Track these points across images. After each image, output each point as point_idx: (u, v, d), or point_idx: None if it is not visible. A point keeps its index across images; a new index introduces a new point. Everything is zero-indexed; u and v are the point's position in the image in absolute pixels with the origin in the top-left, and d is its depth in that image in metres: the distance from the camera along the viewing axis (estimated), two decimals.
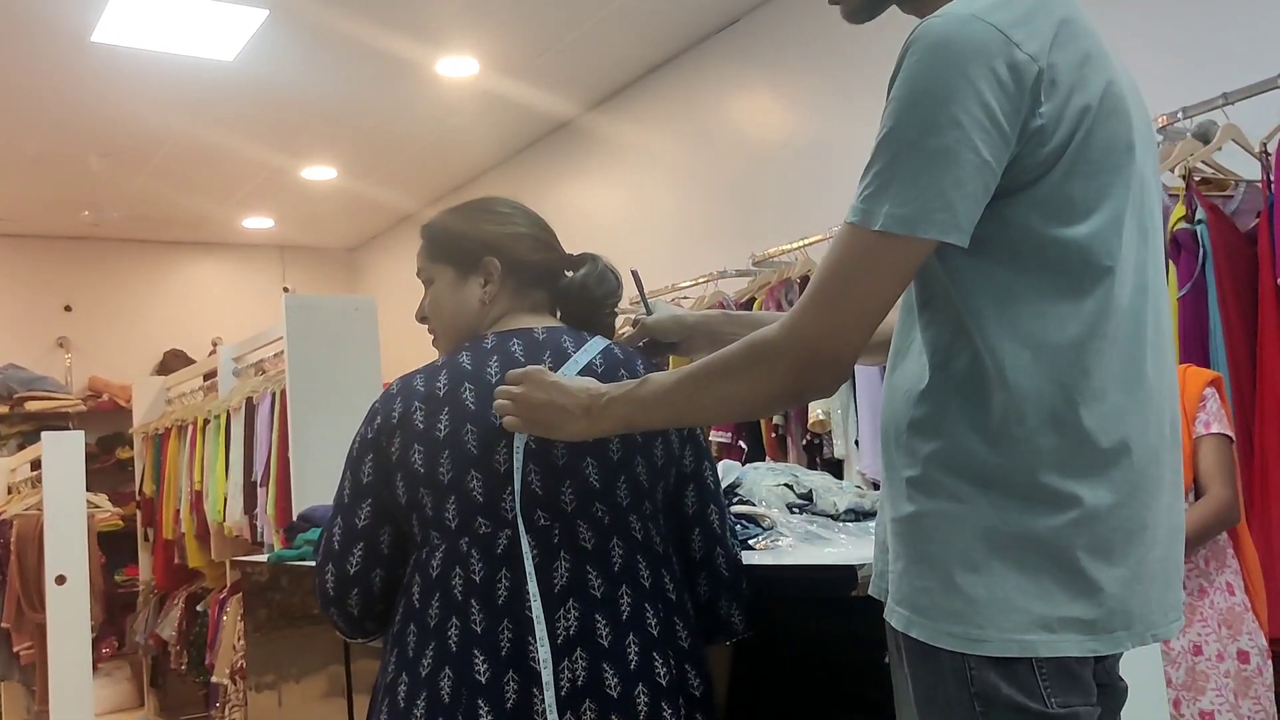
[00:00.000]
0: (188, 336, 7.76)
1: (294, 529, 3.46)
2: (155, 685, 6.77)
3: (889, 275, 1.16)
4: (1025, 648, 1.15)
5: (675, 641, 1.53)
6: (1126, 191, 1.20)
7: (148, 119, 5.56)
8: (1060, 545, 1.15)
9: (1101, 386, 1.18)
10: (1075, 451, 1.17)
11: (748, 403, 1.30)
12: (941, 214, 1.12)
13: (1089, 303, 1.17)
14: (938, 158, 1.11)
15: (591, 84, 5.70)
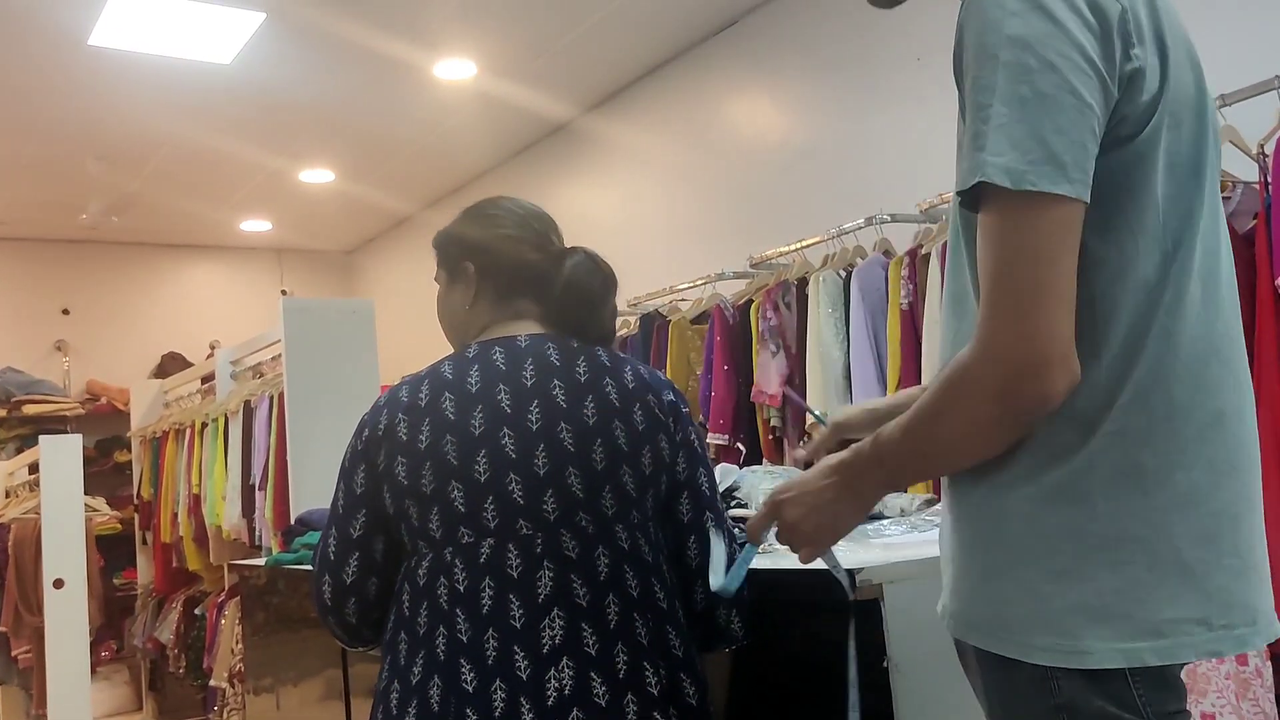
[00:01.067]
0: (185, 340, 7.75)
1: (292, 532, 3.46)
2: (153, 689, 6.76)
3: (1043, 245, 1.03)
4: (1132, 657, 1.06)
5: (668, 651, 1.52)
6: (1205, 144, 1.14)
7: (145, 122, 5.55)
8: (1157, 536, 1.07)
9: (1190, 355, 1.10)
10: (1166, 428, 1.08)
11: (969, 443, 1.12)
12: (1048, 165, 1.02)
13: (1174, 267, 1.10)
14: (1036, 104, 1.02)
15: (589, 86, 5.69)
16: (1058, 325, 1.03)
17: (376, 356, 4.80)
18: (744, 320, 4.06)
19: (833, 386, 3.64)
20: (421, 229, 7.53)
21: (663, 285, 4.69)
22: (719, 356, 4.03)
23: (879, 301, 3.58)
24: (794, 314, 3.87)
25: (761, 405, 3.89)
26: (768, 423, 3.88)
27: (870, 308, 3.58)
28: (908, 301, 3.44)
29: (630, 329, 4.68)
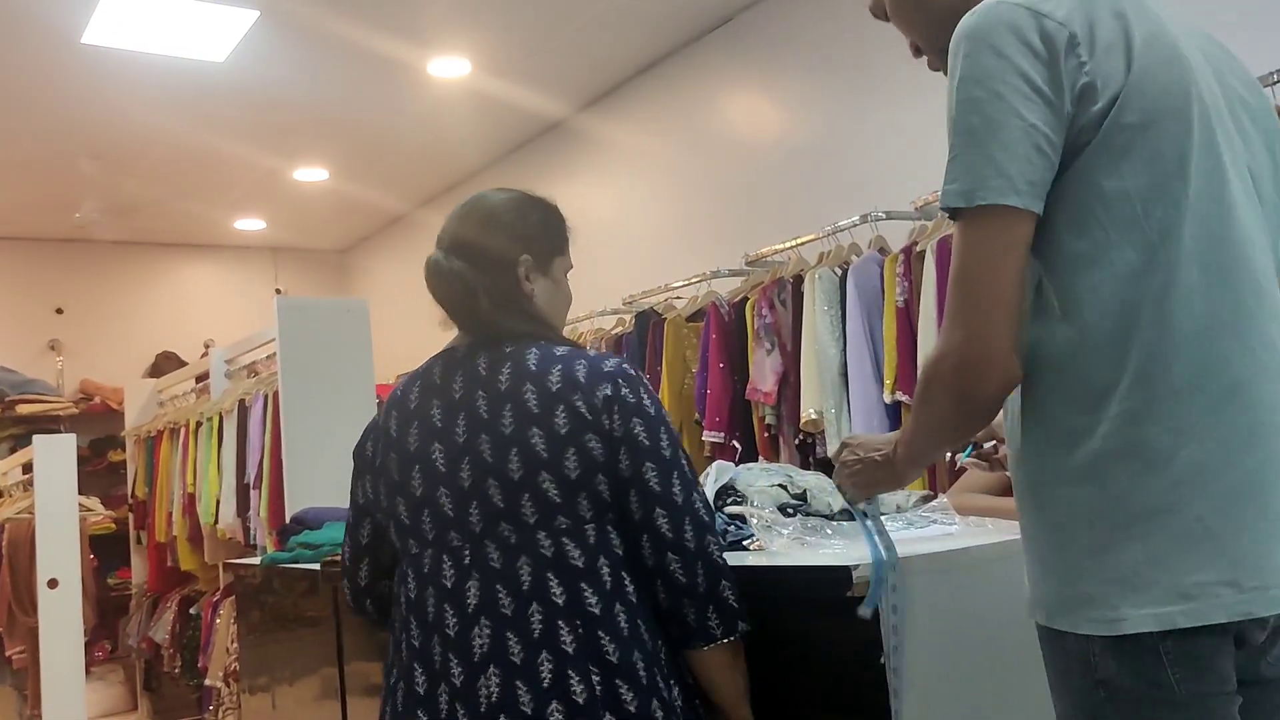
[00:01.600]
0: (180, 339, 7.74)
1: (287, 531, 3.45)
2: (148, 689, 6.75)
3: (989, 249, 1.19)
4: (1164, 620, 1.13)
5: (601, 657, 1.50)
6: (1189, 138, 1.20)
7: (138, 120, 5.54)
8: (1174, 508, 1.15)
9: (1192, 334, 1.17)
10: (1171, 405, 1.16)
11: (938, 430, 1.33)
12: (996, 180, 1.17)
13: (1161, 255, 1.18)
14: (984, 130, 1.17)
15: (583, 84, 5.69)
16: (993, 330, 1.18)
17: (371, 356, 4.79)
18: (739, 318, 4.06)
19: (829, 384, 3.64)
20: (416, 228, 7.52)
21: (658, 283, 4.69)
22: (714, 354, 4.03)
23: (874, 299, 3.58)
24: (789, 311, 3.87)
25: (757, 403, 3.89)
26: (763, 420, 3.88)
27: (866, 305, 3.58)
28: (903, 299, 3.44)
29: (626, 327, 4.67)
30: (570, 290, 1.81)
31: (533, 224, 1.76)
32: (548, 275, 1.75)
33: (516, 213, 1.76)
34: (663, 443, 1.57)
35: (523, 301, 1.70)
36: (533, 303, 1.71)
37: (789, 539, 1.81)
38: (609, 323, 4.92)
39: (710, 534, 1.56)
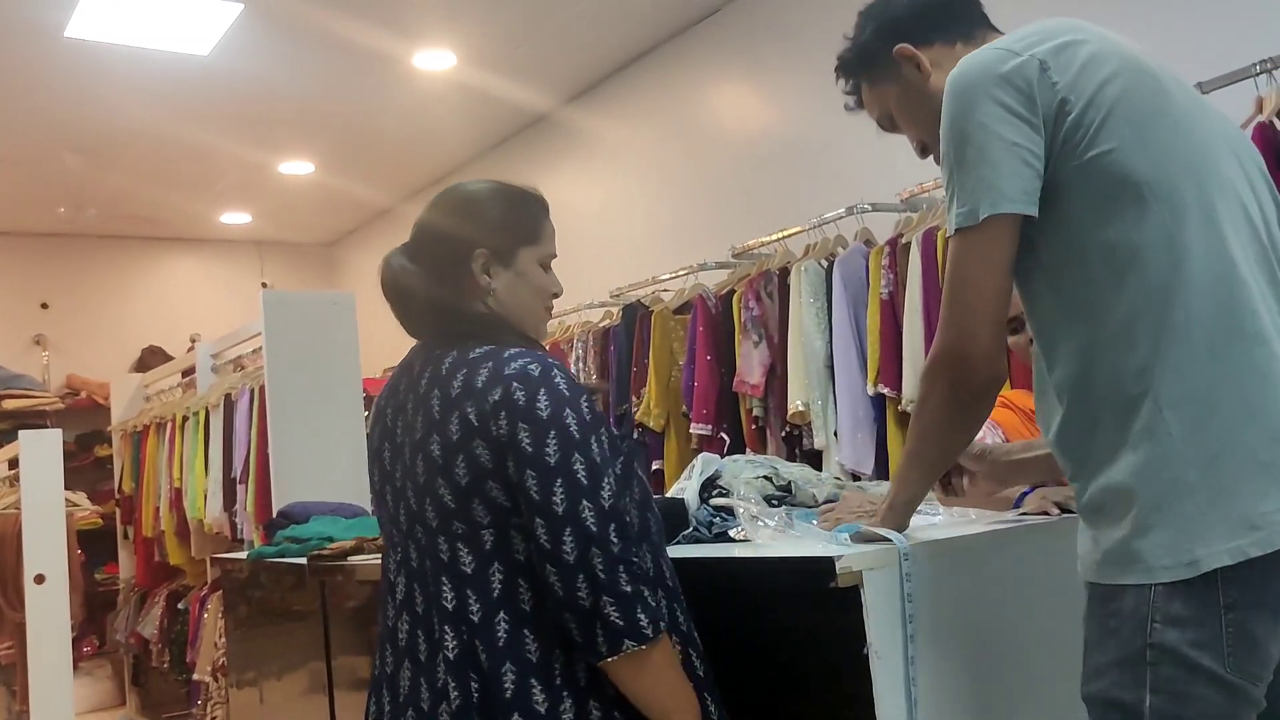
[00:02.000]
0: (166, 333, 7.71)
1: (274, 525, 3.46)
2: (137, 683, 6.75)
3: (981, 265, 1.37)
4: (1236, 553, 1.23)
5: (478, 665, 1.50)
6: (1174, 136, 1.36)
7: (123, 114, 5.52)
8: (1230, 448, 1.27)
9: (1214, 292, 1.31)
10: (1209, 356, 1.30)
11: (937, 426, 1.48)
12: (989, 194, 1.34)
13: (1176, 230, 1.32)
14: (975, 157, 1.36)
15: (569, 77, 5.68)
16: (984, 326, 1.37)
17: (358, 349, 4.79)
18: (726, 310, 4.06)
19: (814, 376, 3.65)
20: (402, 221, 7.48)
21: (645, 276, 4.69)
22: (702, 347, 4.04)
23: (860, 291, 3.58)
24: (776, 304, 3.88)
25: (744, 395, 3.90)
26: (750, 413, 3.89)
27: (852, 297, 3.59)
28: (888, 290, 3.45)
29: (613, 320, 4.68)
30: (549, 280, 1.74)
31: (493, 216, 1.70)
32: (511, 268, 1.68)
33: (476, 205, 1.72)
34: (548, 448, 1.47)
35: (467, 300, 1.66)
36: (490, 298, 1.66)
37: (774, 530, 1.82)
38: (596, 315, 4.92)
39: (599, 547, 1.43)
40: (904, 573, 1.51)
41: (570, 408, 1.50)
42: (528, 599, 1.51)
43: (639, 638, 1.43)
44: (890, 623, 1.49)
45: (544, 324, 1.76)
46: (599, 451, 1.50)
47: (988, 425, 2.39)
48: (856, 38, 1.68)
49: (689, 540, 1.92)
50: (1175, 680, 1.26)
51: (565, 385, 1.52)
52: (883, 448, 3.47)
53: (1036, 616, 1.70)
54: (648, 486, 1.65)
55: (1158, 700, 1.26)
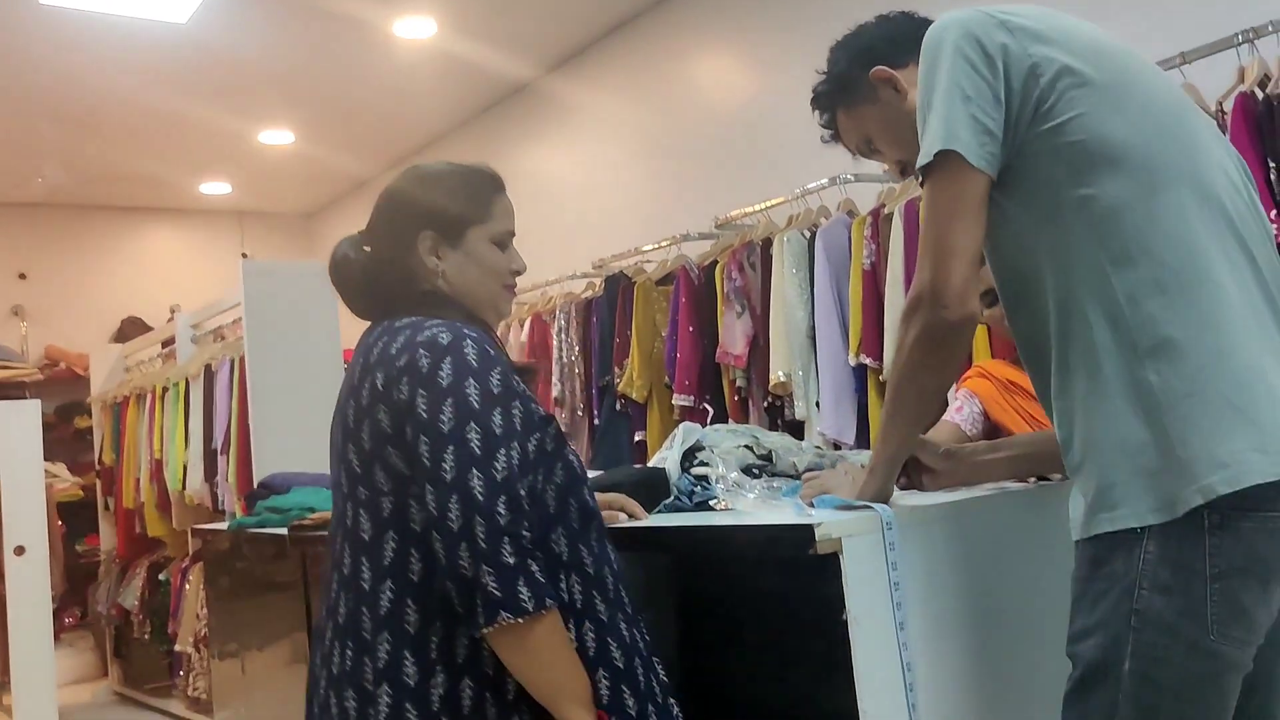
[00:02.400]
0: (145, 304, 7.66)
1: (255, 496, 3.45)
2: (119, 655, 6.74)
3: (947, 205, 1.42)
4: (1207, 491, 1.28)
5: (358, 632, 1.51)
6: (1148, 99, 1.43)
7: (100, 83, 5.45)
8: (1204, 389, 1.31)
9: (1183, 246, 1.36)
10: (1183, 304, 1.35)
11: (913, 368, 1.51)
12: (945, 135, 1.41)
13: (1153, 190, 1.39)
14: (937, 105, 1.43)
15: (551, 45, 5.64)
16: (951, 267, 1.42)
17: (338, 320, 4.77)
18: (709, 281, 4.05)
19: (796, 347, 3.65)
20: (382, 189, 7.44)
21: (628, 247, 4.68)
22: (684, 318, 4.03)
23: (842, 261, 3.58)
24: (759, 274, 3.87)
25: (727, 366, 3.90)
26: (733, 383, 3.89)
27: (834, 268, 3.58)
28: (870, 261, 3.45)
29: (596, 291, 4.66)
30: (504, 258, 1.70)
31: (436, 198, 1.68)
32: (460, 248, 1.66)
33: (420, 189, 1.70)
34: (443, 415, 1.45)
35: (414, 281, 1.65)
36: (440, 280, 1.65)
37: (754, 499, 1.83)
38: (579, 286, 4.91)
39: (483, 516, 1.40)
40: (888, 541, 1.51)
41: (474, 378, 1.48)
42: (417, 570, 1.49)
43: (517, 611, 1.39)
44: (874, 590, 1.49)
45: (502, 302, 1.72)
46: (501, 424, 1.47)
47: (964, 394, 2.40)
48: (832, 69, 1.77)
49: (670, 509, 1.93)
50: (1155, 646, 1.30)
51: (475, 355, 1.50)
52: (864, 418, 3.48)
53: (1023, 580, 1.71)
54: (578, 472, 1.60)
55: (1136, 664, 1.31)
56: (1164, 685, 1.31)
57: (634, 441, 4.24)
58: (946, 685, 1.58)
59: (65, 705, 5.53)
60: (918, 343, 1.47)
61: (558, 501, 1.55)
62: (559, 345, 4.66)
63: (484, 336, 1.56)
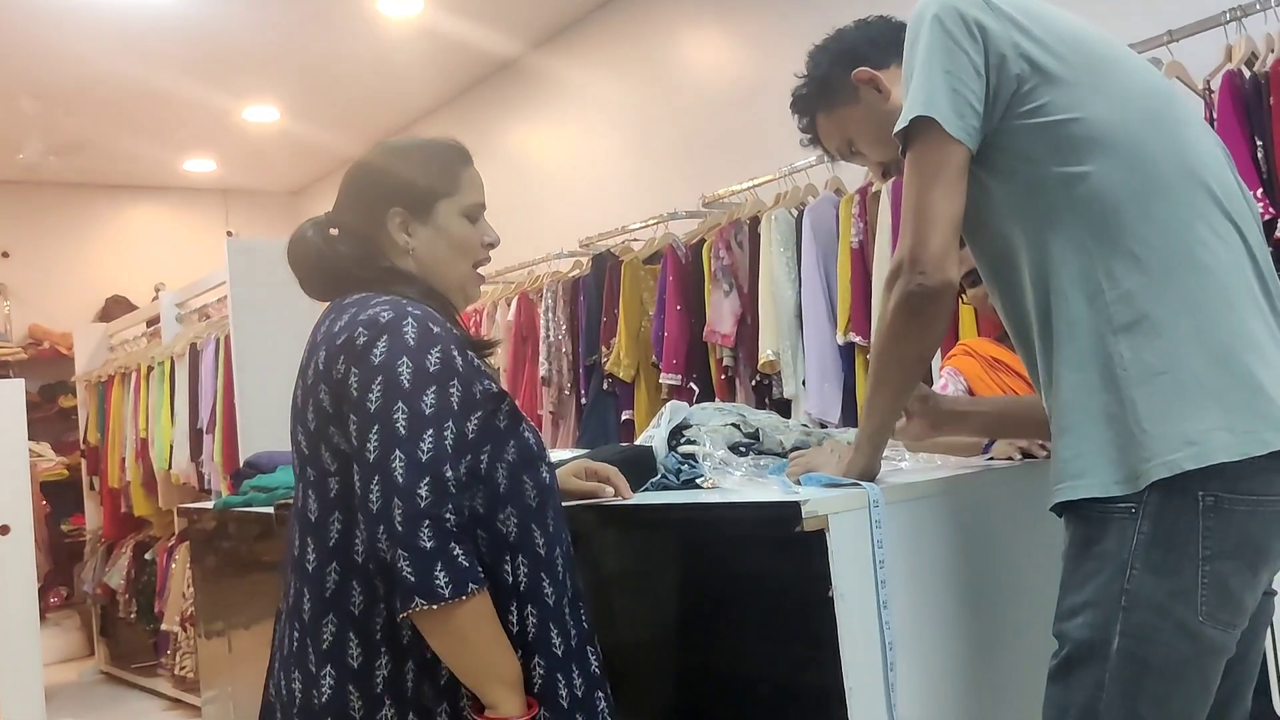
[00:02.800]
0: (129, 282, 7.61)
1: (241, 475, 3.44)
2: (105, 634, 6.74)
3: (925, 173, 1.44)
4: (1173, 466, 1.30)
5: (300, 612, 1.51)
6: (1130, 81, 1.45)
7: (82, 58, 5.40)
8: (1177, 366, 1.33)
9: (1169, 225, 1.37)
10: (1165, 282, 1.36)
11: (894, 337, 1.51)
12: (925, 105, 1.42)
13: (1140, 168, 1.40)
14: (921, 75, 1.44)
15: (538, 21, 5.60)
16: (931, 235, 1.43)
17: None
18: (697, 260, 4.05)
19: (784, 325, 3.65)
20: None
21: (615, 225, 4.66)
22: (672, 296, 4.03)
23: (830, 240, 3.58)
24: (746, 253, 3.87)
25: (714, 345, 3.90)
26: (720, 362, 3.89)
27: (822, 246, 3.58)
28: (858, 239, 3.44)
29: (583, 269, 4.65)
30: (475, 231, 1.67)
31: (403, 173, 1.65)
32: (429, 223, 1.64)
33: (386, 164, 1.67)
34: (372, 394, 1.42)
35: (374, 260, 1.63)
36: (410, 256, 1.63)
37: (741, 477, 1.83)
38: (566, 265, 4.90)
39: (401, 499, 1.37)
40: (874, 519, 1.51)
41: (409, 356, 1.44)
42: (361, 551, 1.48)
43: (431, 597, 1.35)
44: (859, 567, 1.50)
45: (470, 286, 1.69)
46: (434, 404, 1.43)
47: (949, 372, 2.41)
48: (812, 72, 1.78)
49: (657, 487, 1.92)
50: (1144, 626, 1.31)
51: (414, 333, 1.46)
52: (850, 396, 3.48)
53: (1007, 558, 1.72)
54: (534, 450, 1.55)
55: (1125, 643, 1.32)
56: (1151, 665, 1.32)
57: (621, 420, 4.24)
58: (929, 663, 1.59)
59: (51, 684, 5.53)
60: (897, 310, 1.47)
61: (509, 480, 1.51)
62: (546, 324, 4.65)
63: (430, 314, 1.52)
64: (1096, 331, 1.37)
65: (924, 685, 1.57)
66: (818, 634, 1.47)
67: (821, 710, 1.48)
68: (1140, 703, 1.32)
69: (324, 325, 1.55)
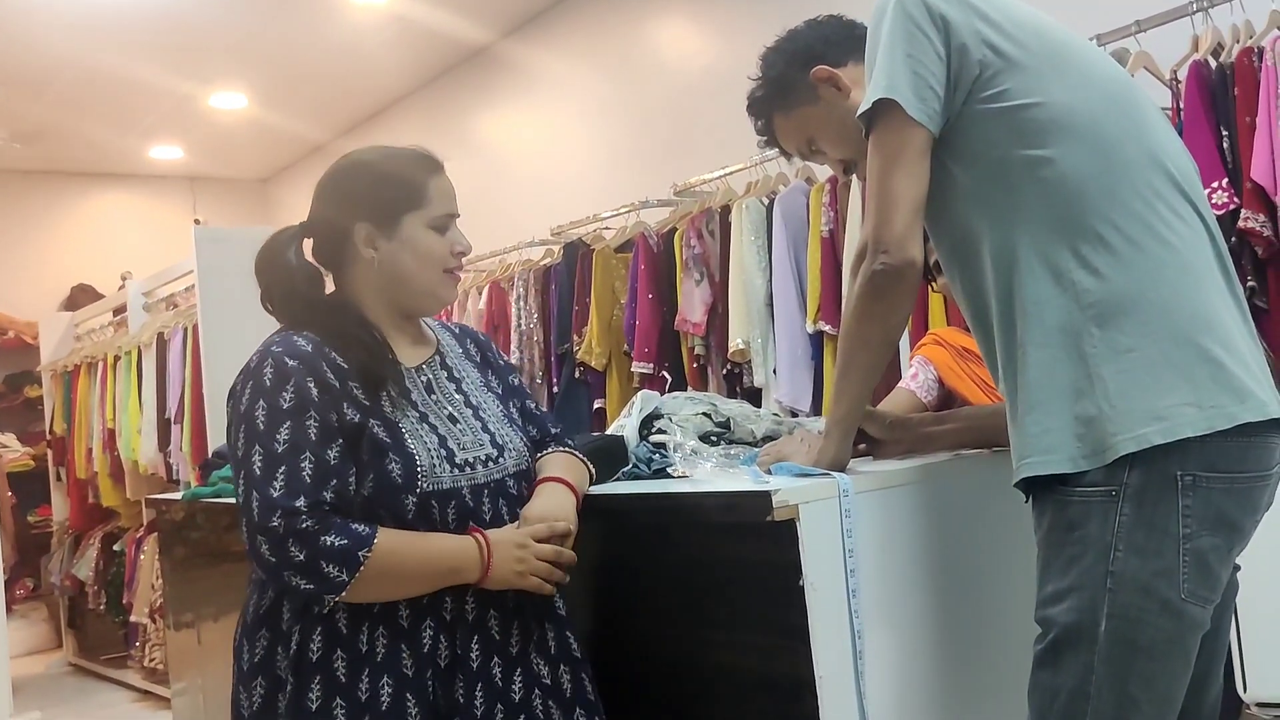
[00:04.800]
0: (96, 271, 7.52)
1: (209, 466, 3.42)
2: (73, 626, 6.68)
3: (887, 156, 1.46)
4: (1142, 440, 1.32)
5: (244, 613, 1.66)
6: (1090, 65, 1.48)
7: (45, 43, 5.32)
8: (1146, 343, 1.35)
9: (1132, 204, 1.40)
10: (1132, 260, 1.39)
11: (859, 318, 1.54)
12: (886, 88, 1.44)
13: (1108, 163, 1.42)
14: (884, 60, 1.46)
15: (508, 8, 5.57)
16: (894, 216, 1.45)
17: None
18: (668, 248, 4.04)
19: (755, 314, 3.66)
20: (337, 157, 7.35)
21: (586, 213, 4.65)
22: (643, 285, 4.02)
23: (800, 228, 3.58)
24: (718, 242, 3.87)
25: (686, 333, 3.90)
26: (692, 351, 3.89)
27: (792, 235, 3.59)
28: (828, 228, 3.45)
29: (554, 258, 4.64)
30: (444, 242, 1.67)
31: (367, 189, 1.67)
32: (394, 237, 1.65)
33: (350, 180, 1.69)
34: (239, 440, 1.54)
35: (298, 294, 1.67)
36: (374, 272, 1.66)
37: (712, 467, 1.83)
38: (537, 254, 4.88)
39: (263, 533, 1.47)
40: (843, 508, 1.52)
41: (264, 398, 1.53)
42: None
43: (335, 588, 1.48)
44: (830, 556, 1.50)
45: (443, 289, 1.69)
46: (288, 439, 1.50)
47: (919, 361, 2.41)
48: (767, 73, 1.78)
49: (629, 477, 1.93)
50: (1131, 607, 1.33)
51: (271, 374, 1.54)
52: (820, 384, 3.49)
53: (977, 546, 1.73)
54: (398, 483, 1.55)
55: (1114, 624, 1.33)
56: (1140, 645, 1.33)
57: (593, 409, 4.23)
58: (900, 651, 1.60)
59: (19, 676, 5.49)
60: (862, 291, 1.50)
61: (364, 511, 1.54)
62: (517, 313, 4.64)
63: (294, 348, 1.56)
64: (1064, 310, 1.39)
65: (894, 672, 1.58)
66: (789, 623, 1.48)
67: (792, 698, 1.49)
68: (1130, 683, 1.34)
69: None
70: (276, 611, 1.57)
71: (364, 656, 1.53)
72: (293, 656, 1.54)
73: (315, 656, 1.53)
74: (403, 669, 1.54)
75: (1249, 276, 2.60)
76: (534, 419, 1.82)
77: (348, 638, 1.54)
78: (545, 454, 1.79)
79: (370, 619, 1.54)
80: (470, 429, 1.66)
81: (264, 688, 1.55)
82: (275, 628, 1.57)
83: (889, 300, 1.49)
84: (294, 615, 1.56)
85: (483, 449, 1.65)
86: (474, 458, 1.63)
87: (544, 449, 1.80)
